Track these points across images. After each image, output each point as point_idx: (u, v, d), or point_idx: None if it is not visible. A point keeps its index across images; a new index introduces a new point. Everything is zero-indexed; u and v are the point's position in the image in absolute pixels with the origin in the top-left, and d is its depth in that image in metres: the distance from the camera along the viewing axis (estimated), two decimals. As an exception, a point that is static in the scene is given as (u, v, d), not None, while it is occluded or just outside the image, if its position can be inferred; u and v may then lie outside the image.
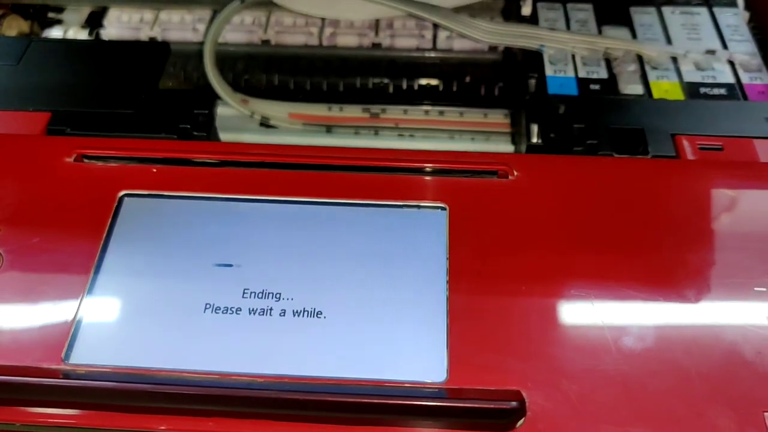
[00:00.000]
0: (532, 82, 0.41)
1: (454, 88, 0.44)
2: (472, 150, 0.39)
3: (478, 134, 0.42)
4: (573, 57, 0.42)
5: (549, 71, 0.41)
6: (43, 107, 0.36)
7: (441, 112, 0.42)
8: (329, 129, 0.42)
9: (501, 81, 0.43)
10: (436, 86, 0.44)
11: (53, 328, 0.28)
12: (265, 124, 0.42)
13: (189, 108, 0.37)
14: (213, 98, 0.39)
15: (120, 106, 0.37)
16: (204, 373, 0.27)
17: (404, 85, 0.44)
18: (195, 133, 0.37)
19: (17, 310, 0.29)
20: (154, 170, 0.33)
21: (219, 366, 0.27)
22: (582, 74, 0.41)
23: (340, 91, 0.44)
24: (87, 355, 0.27)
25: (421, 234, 0.31)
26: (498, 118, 0.42)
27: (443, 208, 0.31)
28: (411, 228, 0.31)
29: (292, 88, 0.44)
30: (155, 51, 0.41)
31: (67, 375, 0.27)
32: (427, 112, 0.42)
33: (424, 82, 0.44)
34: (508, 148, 0.40)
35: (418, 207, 0.32)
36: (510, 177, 0.33)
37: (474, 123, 0.42)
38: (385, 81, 0.44)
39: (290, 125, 0.42)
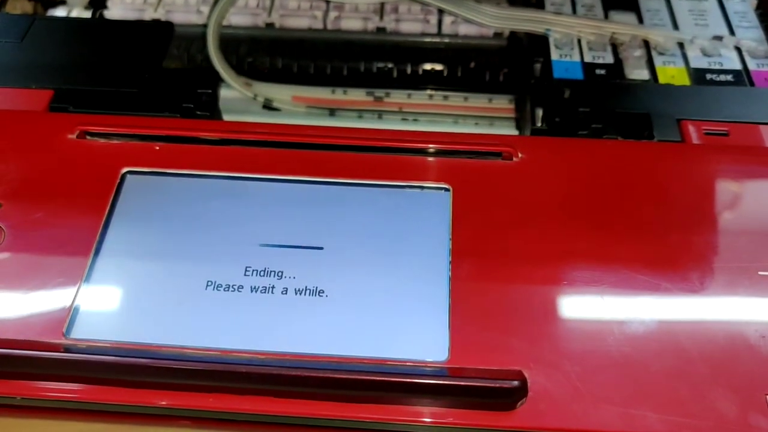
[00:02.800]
0: (538, 66, 0.41)
1: (459, 74, 0.43)
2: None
3: (482, 119, 0.42)
4: (579, 41, 0.41)
5: (555, 55, 0.41)
6: (46, 85, 0.36)
7: (445, 97, 0.42)
8: (332, 112, 0.42)
9: (506, 67, 0.43)
10: (441, 71, 0.43)
11: (54, 303, 0.28)
12: (268, 106, 0.42)
13: (192, 88, 0.37)
14: (217, 78, 0.39)
15: (123, 85, 0.37)
16: (205, 349, 0.27)
17: (408, 70, 0.44)
18: (198, 113, 0.36)
19: (18, 284, 0.28)
20: (157, 148, 0.32)
21: (220, 343, 0.27)
22: (588, 59, 0.40)
23: (343, 75, 0.43)
24: (88, 330, 0.27)
25: (425, 215, 0.31)
26: (503, 103, 0.41)
27: (447, 189, 0.31)
28: (414, 208, 0.31)
29: (296, 72, 0.43)
30: (159, 30, 0.41)
31: (68, 349, 0.26)
32: (431, 96, 0.42)
33: (428, 67, 0.44)
34: (512, 133, 0.40)
35: (422, 188, 0.31)
36: (514, 159, 0.32)
37: (478, 108, 0.42)
38: (389, 65, 0.44)
39: (293, 108, 0.42)
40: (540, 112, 0.38)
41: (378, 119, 0.42)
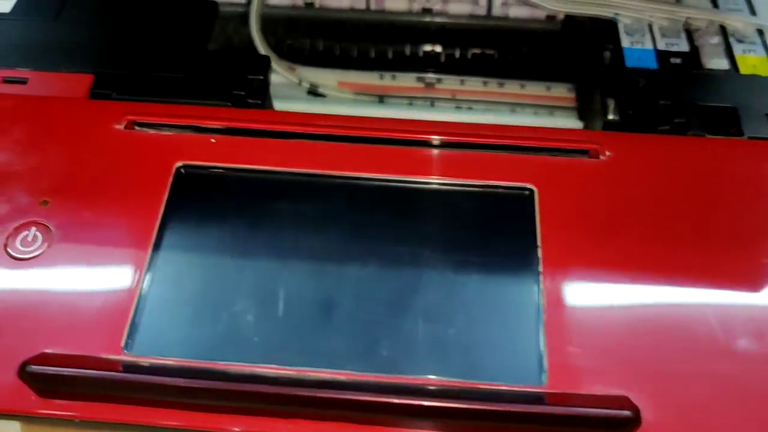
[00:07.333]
0: (607, 54, 0.38)
1: (510, 58, 0.41)
2: (538, 125, 0.37)
3: (541, 108, 0.39)
4: (650, 27, 0.39)
5: (625, 42, 0.38)
6: (85, 68, 0.33)
7: (501, 84, 0.40)
8: (381, 99, 0.39)
9: (562, 53, 0.40)
10: (491, 55, 0.41)
11: (110, 313, 0.25)
12: (313, 92, 0.39)
13: (242, 73, 0.34)
14: (267, 63, 0.36)
15: (168, 69, 0.34)
16: (280, 368, 0.24)
17: (457, 54, 0.41)
18: (249, 101, 0.34)
19: (69, 291, 0.26)
20: (213, 140, 0.30)
21: (294, 362, 0.25)
22: (661, 46, 0.38)
23: (388, 59, 0.41)
24: (149, 345, 0.25)
25: (509, 219, 0.28)
26: (561, 91, 0.39)
27: (531, 191, 0.29)
28: (497, 212, 0.28)
29: (338, 55, 0.41)
30: (202, 9, 0.38)
31: (129, 368, 0.24)
32: (485, 83, 0.40)
33: (478, 51, 0.41)
34: (576, 124, 0.38)
35: (504, 188, 0.29)
36: (601, 157, 0.30)
37: (536, 96, 0.40)
38: (437, 49, 0.41)
39: (340, 94, 0.40)
40: (612, 104, 0.35)
41: (430, 107, 0.40)
